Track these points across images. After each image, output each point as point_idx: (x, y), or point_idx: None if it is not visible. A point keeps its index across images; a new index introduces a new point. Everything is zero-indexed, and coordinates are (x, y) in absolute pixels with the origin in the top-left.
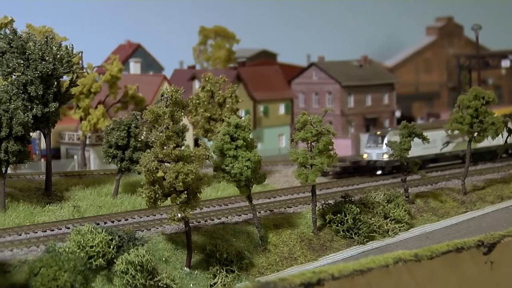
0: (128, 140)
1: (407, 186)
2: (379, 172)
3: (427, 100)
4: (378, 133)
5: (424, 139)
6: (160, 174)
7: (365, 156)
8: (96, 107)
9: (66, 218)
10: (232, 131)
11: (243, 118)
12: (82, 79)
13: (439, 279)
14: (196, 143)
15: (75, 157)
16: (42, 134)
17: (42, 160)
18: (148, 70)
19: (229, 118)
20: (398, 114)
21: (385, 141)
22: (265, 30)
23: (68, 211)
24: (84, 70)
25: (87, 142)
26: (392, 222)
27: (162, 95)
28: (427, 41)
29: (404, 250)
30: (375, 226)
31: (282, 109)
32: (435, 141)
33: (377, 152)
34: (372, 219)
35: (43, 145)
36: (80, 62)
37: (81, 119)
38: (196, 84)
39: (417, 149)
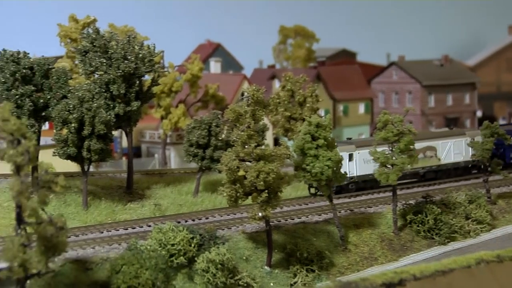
0: (209, 139)
1: (489, 186)
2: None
3: (509, 99)
4: None
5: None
6: (241, 173)
7: None
8: (176, 106)
9: (147, 216)
10: (313, 130)
11: (324, 118)
12: (163, 78)
13: None
14: (276, 142)
15: (156, 155)
16: (124, 132)
17: (124, 158)
18: (228, 69)
19: (309, 118)
20: (479, 113)
21: None
22: (345, 29)
23: (149, 209)
24: (165, 69)
25: (168, 140)
26: (474, 223)
27: (242, 94)
28: (510, 40)
29: (486, 251)
30: (457, 227)
31: (361, 108)
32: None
33: None
34: (454, 219)
35: (124, 143)
36: (161, 61)
37: (162, 118)
38: (276, 84)
39: (368, 166)
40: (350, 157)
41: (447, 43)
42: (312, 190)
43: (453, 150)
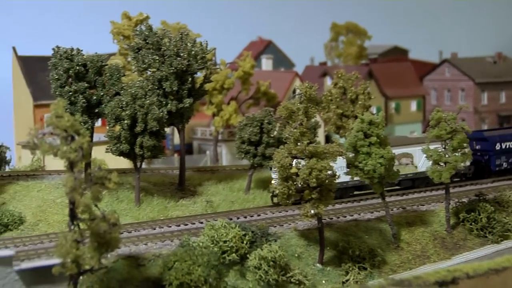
0: (261, 136)
1: None
2: None
3: None
4: None
5: None
6: (293, 170)
7: None
8: (228, 103)
9: (199, 212)
10: (366, 127)
11: (376, 115)
12: (215, 75)
13: None
14: (327, 140)
15: (208, 152)
16: (175, 129)
17: (175, 155)
18: (279, 66)
19: (362, 115)
20: None
21: None
22: (397, 26)
23: (201, 205)
24: (217, 67)
25: (219, 137)
26: None
27: (294, 92)
28: None
29: None
30: (510, 225)
31: (413, 106)
32: None
33: None
34: (507, 218)
35: (176, 140)
36: (213, 58)
37: (213, 115)
38: (328, 81)
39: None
40: None
41: (501, 40)
42: (275, 199)
43: None
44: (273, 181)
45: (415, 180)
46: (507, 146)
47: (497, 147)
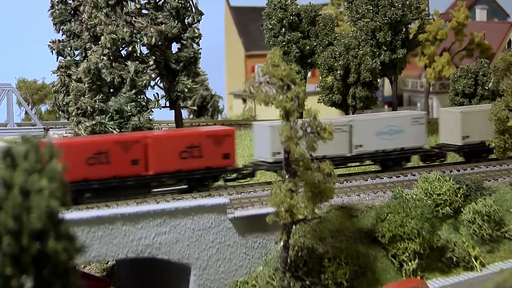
0: (475, 88)
1: None
2: None
3: None
4: None
5: None
6: (510, 123)
7: None
8: (441, 54)
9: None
10: None
11: None
12: (428, 26)
13: None
14: None
15: (418, 104)
16: (385, 80)
17: (385, 106)
18: (493, 17)
19: None
20: None
21: None
22: None
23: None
24: (431, 17)
25: (431, 89)
26: None
27: (509, 43)
28: None
29: None
30: None
31: None
32: None
33: None
34: None
35: (385, 92)
36: (427, 8)
37: (425, 66)
38: None
39: None
40: None
41: None
42: None
43: None
44: None
45: None
46: None
47: None
